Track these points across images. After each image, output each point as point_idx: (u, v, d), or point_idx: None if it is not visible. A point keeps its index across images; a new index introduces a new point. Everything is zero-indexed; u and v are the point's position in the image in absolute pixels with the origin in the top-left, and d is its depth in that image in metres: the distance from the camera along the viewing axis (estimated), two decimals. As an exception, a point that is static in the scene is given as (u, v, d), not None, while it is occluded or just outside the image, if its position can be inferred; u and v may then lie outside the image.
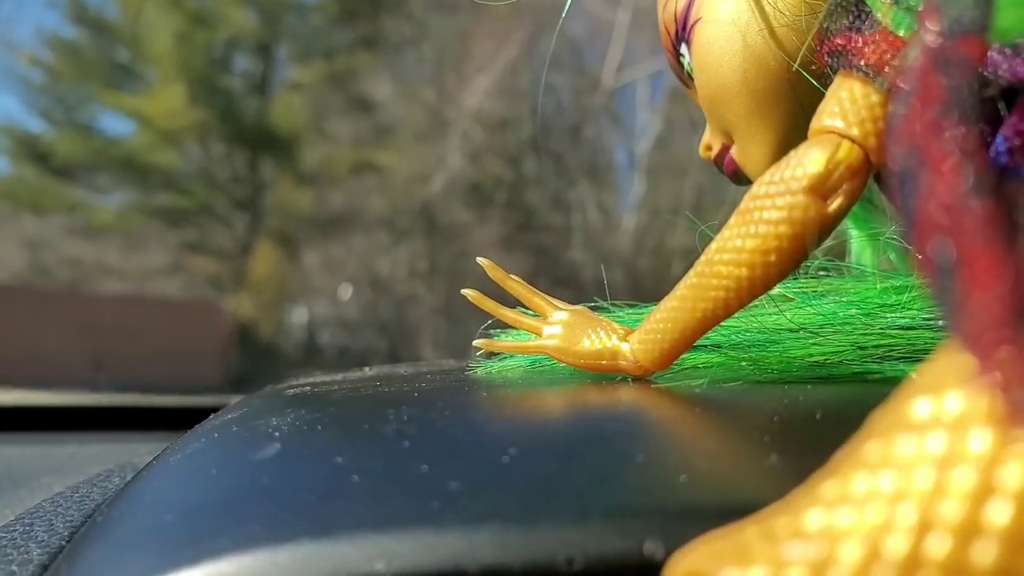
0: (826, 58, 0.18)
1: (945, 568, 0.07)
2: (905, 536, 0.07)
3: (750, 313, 0.21)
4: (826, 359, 0.21)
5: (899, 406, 0.08)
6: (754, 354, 0.21)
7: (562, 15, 0.26)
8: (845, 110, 0.16)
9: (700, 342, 0.20)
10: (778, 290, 0.21)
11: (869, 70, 0.16)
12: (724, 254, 0.18)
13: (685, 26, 0.22)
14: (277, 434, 0.16)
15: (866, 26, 0.17)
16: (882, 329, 0.21)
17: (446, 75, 5.23)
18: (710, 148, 0.24)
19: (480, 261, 0.24)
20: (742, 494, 0.12)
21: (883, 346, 0.20)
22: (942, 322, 0.08)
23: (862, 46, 0.16)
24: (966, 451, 0.07)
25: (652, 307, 0.20)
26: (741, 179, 0.23)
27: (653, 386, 0.20)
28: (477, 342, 0.24)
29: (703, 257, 0.18)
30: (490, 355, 0.25)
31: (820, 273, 0.24)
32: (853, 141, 0.16)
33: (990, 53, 0.12)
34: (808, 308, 0.22)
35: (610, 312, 0.24)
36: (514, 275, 0.24)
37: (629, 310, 0.24)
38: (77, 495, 0.22)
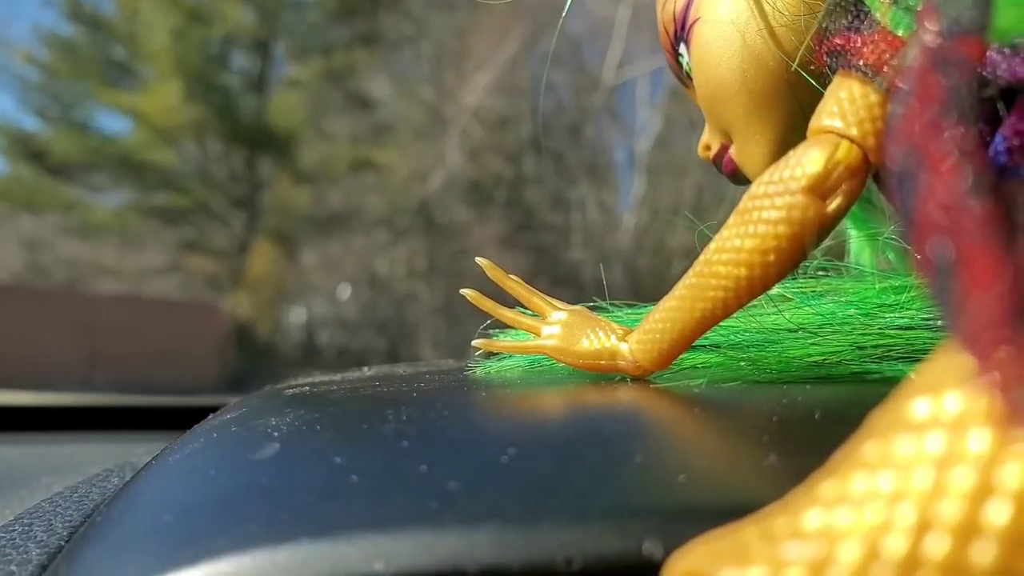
0: (825, 58, 0.18)
1: (944, 568, 0.07)
2: (904, 536, 0.07)
3: (749, 313, 0.22)
4: (825, 359, 0.21)
5: (898, 406, 0.08)
6: (753, 354, 0.21)
7: (563, 13, 0.26)
8: (844, 110, 0.16)
9: (699, 342, 0.20)
10: (777, 290, 0.21)
11: (868, 70, 0.16)
12: (723, 254, 0.18)
13: (684, 26, 0.22)
14: (276, 434, 0.16)
15: (865, 26, 0.17)
16: (881, 329, 0.21)
17: (445, 72, 5.22)
18: (709, 148, 0.24)
19: (479, 261, 0.24)
20: (741, 494, 0.12)
21: (882, 346, 0.20)
22: (941, 322, 0.08)
23: (861, 46, 0.16)
24: (965, 451, 0.07)
25: (651, 307, 0.20)
26: (740, 179, 0.23)
27: (652, 386, 0.20)
28: (476, 342, 0.24)
29: (702, 257, 0.18)
30: (489, 355, 0.25)
31: (819, 273, 0.24)
32: (852, 141, 0.16)
33: (989, 53, 0.12)
34: (807, 308, 0.22)
35: (609, 312, 0.24)
36: (513, 275, 0.24)
37: (628, 310, 0.24)
38: (76, 495, 0.22)
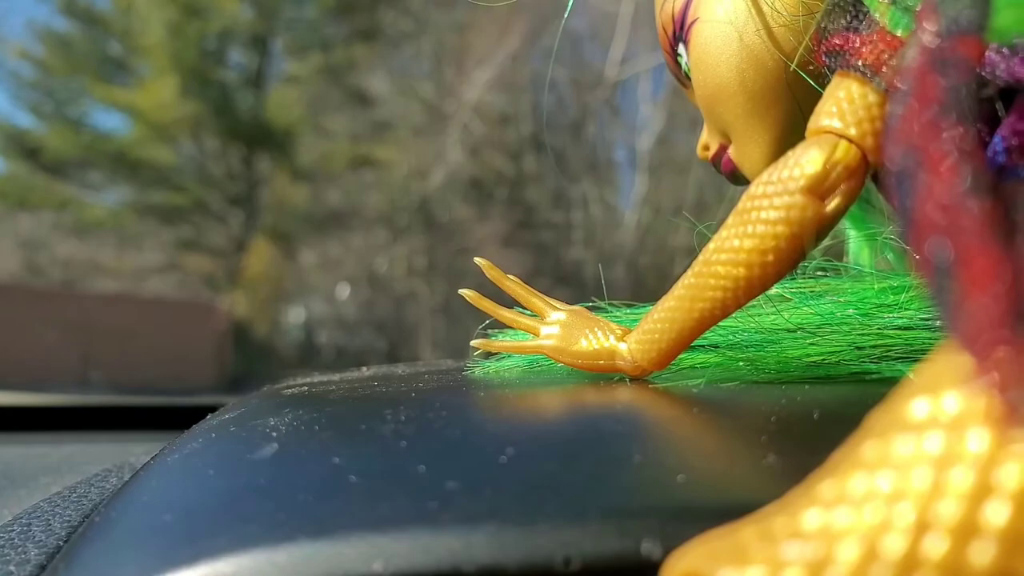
0: (824, 58, 0.18)
1: (943, 568, 0.07)
2: (903, 536, 0.07)
3: (748, 313, 0.22)
4: (824, 359, 0.21)
5: (897, 406, 0.08)
6: (752, 354, 0.21)
7: (566, 10, 0.26)
8: (843, 110, 0.16)
9: (698, 342, 0.20)
10: (776, 290, 0.21)
11: (867, 70, 0.16)
12: (722, 254, 0.17)
13: (683, 26, 0.22)
14: (275, 434, 0.16)
15: (864, 26, 0.17)
16: (880, 329, 0.21)
17: (445, 69, 5.20)
18: (708, 148, 0.24)
19: (477, 261, 0.24)
20: (739, 494, 0.12)
21: (881, 346, 0.20)
22: (939, 322, 0.08)
23: (860, 46, 0.16)
24: (964, 451, 0.07)
25: (650, 307, 0.20)
26: (739, 179, 0.23)
27: (651, 386, 0.20)
28: (475, 342, 0.24)
29: (701, 257, 0.18)
30: (488, 355, 0.25)
31: (818, 273, 0.24)
32: (851, 141, 0.16)
33: (988, 53, 0.12)
34: (806, 308, 0.22)
35: (608, 312, 0.24)
36: (512, 275, 0.24)
37: (627, 310, 0.24)
38: (75, 495, 0.22)
